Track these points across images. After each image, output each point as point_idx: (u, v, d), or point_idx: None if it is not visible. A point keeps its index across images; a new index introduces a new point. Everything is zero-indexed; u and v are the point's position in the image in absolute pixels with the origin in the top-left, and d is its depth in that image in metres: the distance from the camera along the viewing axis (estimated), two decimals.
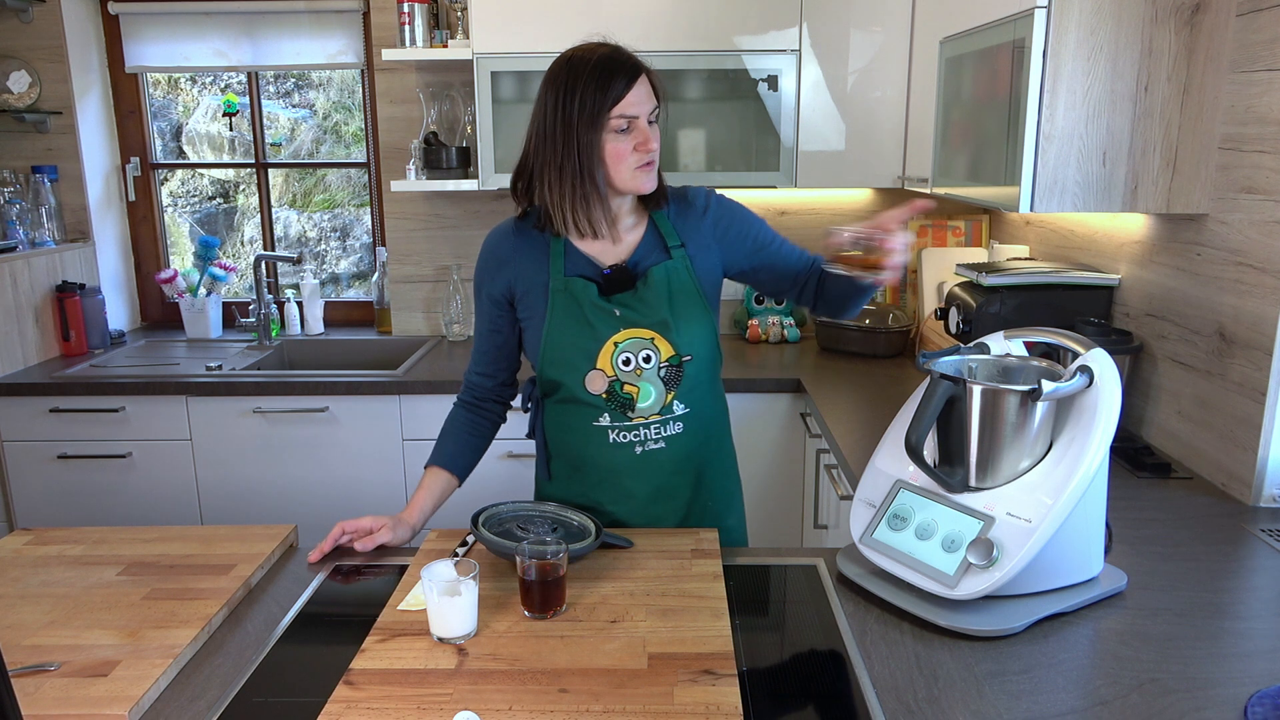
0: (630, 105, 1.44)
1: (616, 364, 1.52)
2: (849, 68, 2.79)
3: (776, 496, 2.74)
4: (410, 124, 3.17)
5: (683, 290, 1.54)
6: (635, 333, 1.51)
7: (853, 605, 1.33)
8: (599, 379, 1.52)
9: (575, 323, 1.51)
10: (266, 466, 2.78)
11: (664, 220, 1.58)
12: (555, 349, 1.53)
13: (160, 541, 1.53)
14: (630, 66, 1.45)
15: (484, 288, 1.60)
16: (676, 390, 1.55)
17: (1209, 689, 1.12)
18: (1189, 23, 1.74)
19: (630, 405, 1.54)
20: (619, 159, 1.46)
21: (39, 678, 1.14)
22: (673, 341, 1.52)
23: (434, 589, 1.20)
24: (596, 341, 1.51)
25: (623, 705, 1.07)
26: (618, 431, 1.55)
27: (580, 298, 1.51)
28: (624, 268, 1.54)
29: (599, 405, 1.54)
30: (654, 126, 1.49)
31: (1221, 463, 1.77)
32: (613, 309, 1.51)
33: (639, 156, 1.46)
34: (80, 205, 3.19)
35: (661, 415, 1.55)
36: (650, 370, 1.52)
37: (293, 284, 3.54)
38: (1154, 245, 2.00)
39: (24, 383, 2.72)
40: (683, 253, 1.56)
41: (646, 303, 1.52)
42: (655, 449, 1.57)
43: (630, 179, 1.48)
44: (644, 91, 1.45)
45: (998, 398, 1.26)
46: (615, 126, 1.44)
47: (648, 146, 1.46)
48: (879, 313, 2.95)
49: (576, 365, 1.52)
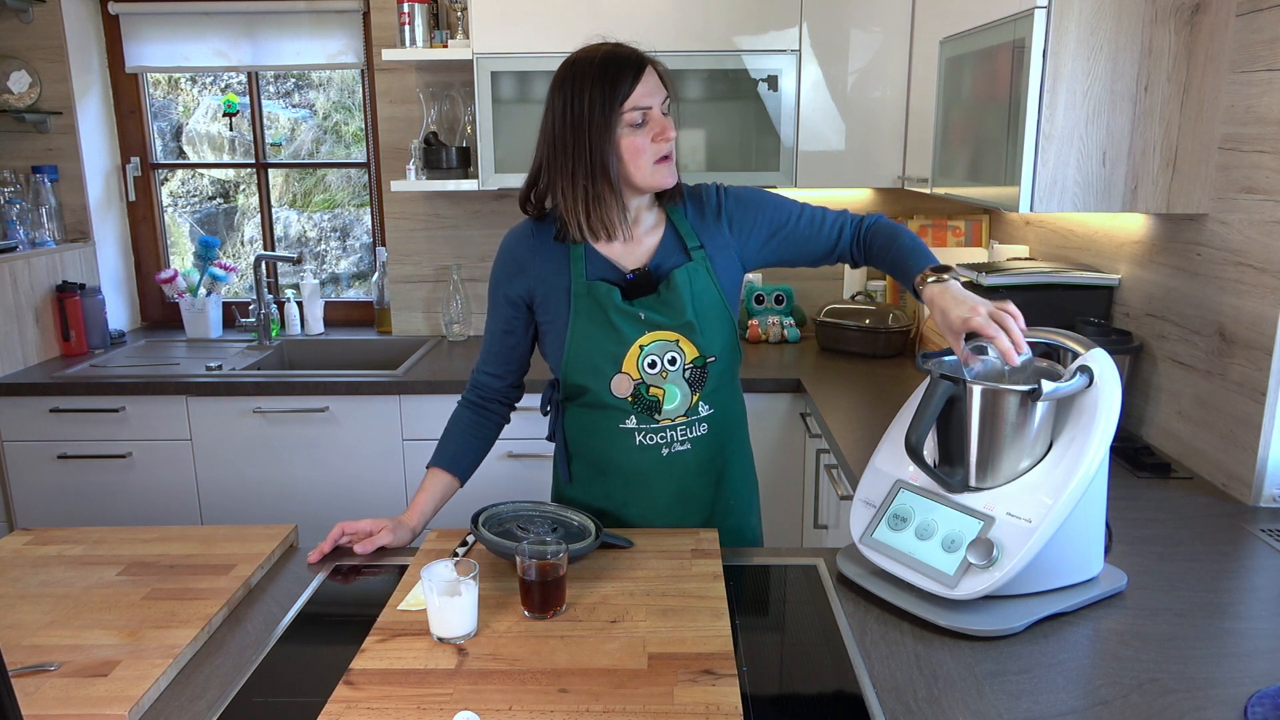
0: (642, 97, 1.43)
1: (642, 367, 1.51)
2: (849, 68, 2.79)
3: (776, 496, 2.74)
4: (410, 124, 3.17)
5: (704, 292, 1.53)
6: (660, 335, 1.51)
7: (853, 605, 1.33)
8: (625, 382, 1.51)
9: (599, 327, 1.50)
10: (266, 466, 2.78)
11: (682, 221, 1.57)
12: (579, 353, 1.52)
13: (160, 541, 1.53)
14: (635, 60, 1.44)
15: (501, 288, 1.58)
16: (701, 391, 1.55)
17: (1209, 689, 1.12)
18: (1189, 23, 1.74)
19: (657, 408, 1.53)
20: (637, 154, 1.44)
21: (39, 678, 1.14)
22: (697, 343, 1.52)
23: (434, 589, 1.20)
24: (622, 345, 1.50)
25: (623, 705, 1.07)
26: (644, 434, 1.55)
27: (604, 302, 1.50)
28: (646, 272, 1.53)
29: (625, 408, 1.53)
30: (668, 118, 1.47)
31: (1221, 463, 1.77)
32: (637, 312, 1.50)
33: (657, 148, 1.45)
34: (80, 205, 3.19)
35: (688, 417, 1.55)
36: (676, 372, 1.52)
37: (293, 284, 3.54)
38: (1154, 245, 2.00)
39: (24, 383, 2.72)
40: (702, 254, 1.55)
41: (671, 305, 1.51)
42: (681, 450, 1.57)
43: (650, 174, 1.46)
44: (653, 83, 1.44)
45: (998, 398, 1.26)
46: (630, 120, 1.43)
47: (666, 135, 1.45)
48: (879, 313, 2.95)
49: (602, 369, 1.52)
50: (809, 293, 3.30)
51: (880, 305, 3.03)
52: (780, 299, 3.21)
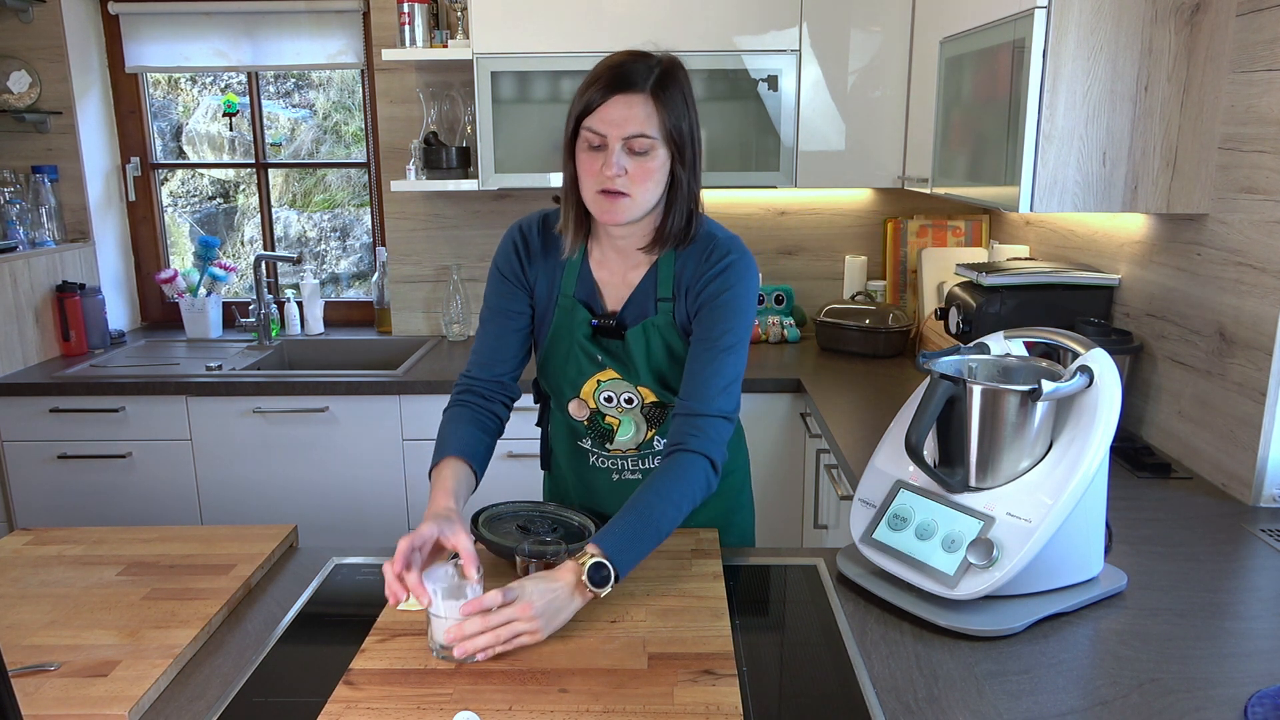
0: (599, 120, 1.29)
1: (599, 399, 1.51)
2: (849, 68, 2.79)
3: (776, 496, 2.74)
4: (410, 124, 3.17)
5: (660, 350, 1.45)
6: (618, 377, 1.49)
7: (853, 605, 1.33)
8: (581, 407, 1.52)
9: (566, 349, 1.50)
10: (266, 466, 2.78)
11: (667, 265, 1.43)
12: (548, 366, 1.54)
13: (160, 541, 1.53)
14: (620, 80, 1.29)
15: (508, 267, 1.50)
16: (659, 429, 1.53)
17: (1209, 689, 1.12)
18: (1189, 23, 1.74)
19: (609, 437, 1.53)
20: (584, 174, 1.34)
21: (39, 678, 1.14)
22: (655, 391, 1.49)
23: (439, 594, 1.15)
24: (580, 375, 1.50)
25: (623, 705, 1.07)
26: (596, 457, 1.57)
27: (574, 330, 1.47)
28: (609, 323, 1.45)
29: (581, 430, 1.55)
30: (640, 158, 1.30)
31: (1221, 463, 1.77)
32: (596, 353, 1.47)
33: (596, 181, 1.32)
34: (80, 205, 3.19)
35: (640, 450, 1.55)
36: (633, 410, 1.51)
37: (293, 284, 3.54)
38: (1154, 245, 2.00)
39: (24, 383, 2.72)
40: (668, 306, 1.44)
41: (627, 360, 1.47)
42: (632, 479, 1.58)
43: (592, 202, 1.35)
44: (629, 113, 1.28)
45: (998, 398, 1.26)
46: (586, 140, 1.32)
47: (606, 173, 1.29)
48: (879, 313, 2.95)
49: (561, 390, 1.53)
50: (809, 293, 3.29)
51: (880, 305, 3.03)
52: (780, 299, 3.21)
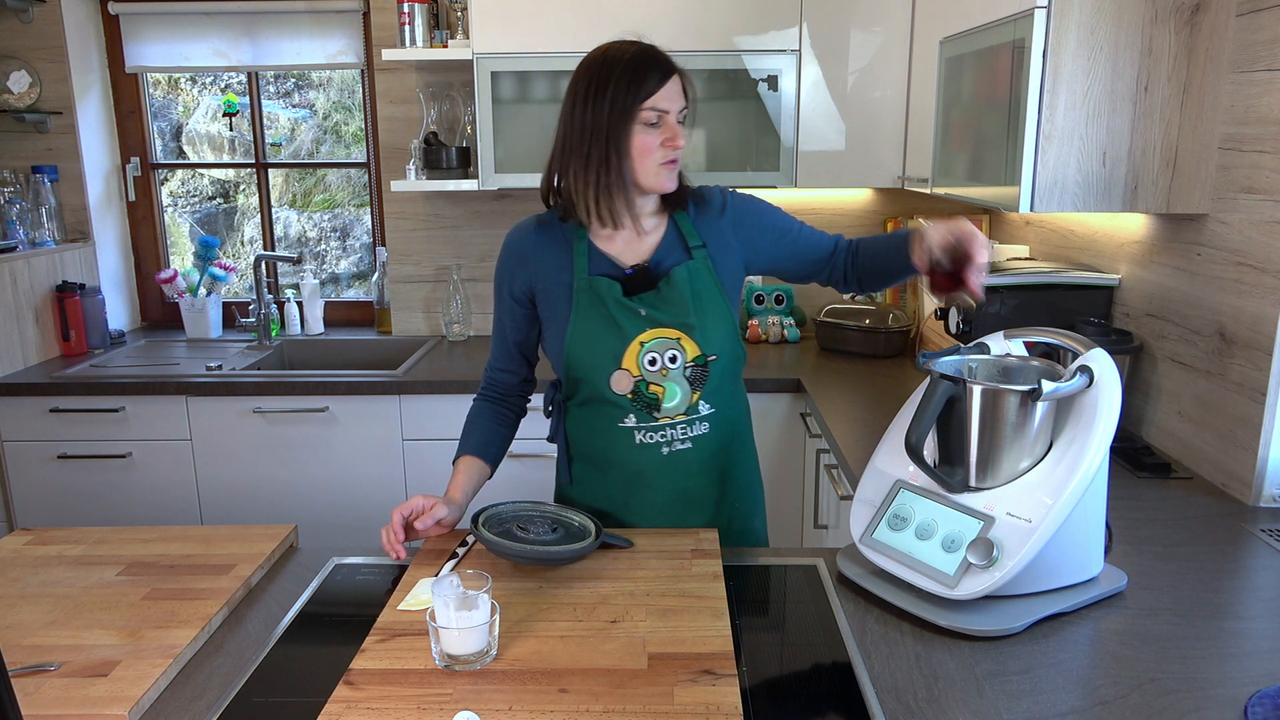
0: (662, 99, 1.46)
1: (642, 364, 1.51)
2: (849, 68, 2.79)
3: (776, 496, 2.74)
4: (410, 124, 3.17)
5: (706, 290, 1.54)
6: (661, 333, 1.51)
7: (853, 605, 1.33)
8: (624, 379, 1.52)
9: (600, 322, 1.51)
10: (266, 466, 2.78)
11: (685, 221, 1.58)
12: (579, 348, 1.52)
13: (160, 541, 1.53)
14: (665, 63, 1.48)
15: (504, 285, 1.60)
16: (702, 390, 1.55)
17: (1209, 689, 1.12)
18: (1189, 23, 1.74)
19: (656, 405, 1.53)
20: (645, 153, 1.47)
21: (39, 678, 1.14)
22: (698, 341, 1.52)
23: (449, 604, 1.13)
24: (622, 341, 1.51)
25: (623, 705, 1.07)
26: (644, 432, 1.55)
27: (605, 296, 1.51)
28: (645, 268, 1.54)
29: (624, 405, 1.53)
30: (681, 126, 1.50)
31: (1221, 463, 1.77)
32: (638, 308, 1.51)
33: (664, 153, 1.47)
34: (80, 205, 3.19)
35: (687, 415, 1.55)
36: (676, 370, 1.52)
37: (293, 284, 3.54)
38: (1154, 245, 2.00)
39: (24, 383, 2.72)
40: (704, 253, 1.56)
41: (671, 303, 1.52)
42: (682, 449, 1.57)
43: (654, 176, 1.49)
44: (676, 89, 1.48)
45: (998, 398, 1.26)
46: (645, 119, 1.45)
47: (675, 143, 1.47)
48: (879, 313, 2.95)
49: (602, 365, 1.52)
50: (809, 293, 3.29)
51: (880, 305, 3.03)
52: (780, 299, 3.21)
